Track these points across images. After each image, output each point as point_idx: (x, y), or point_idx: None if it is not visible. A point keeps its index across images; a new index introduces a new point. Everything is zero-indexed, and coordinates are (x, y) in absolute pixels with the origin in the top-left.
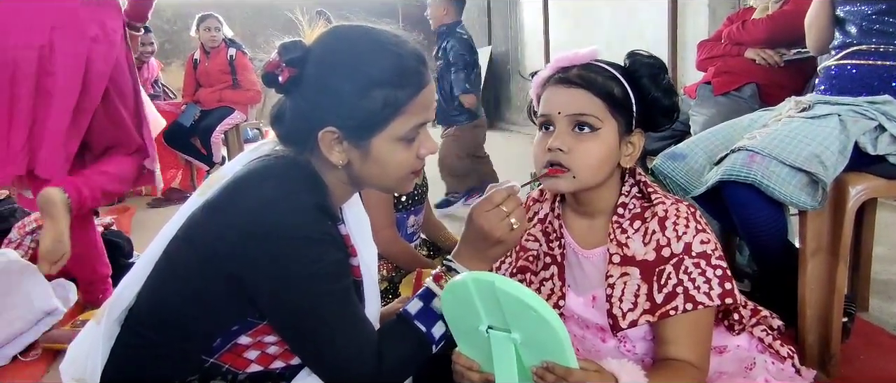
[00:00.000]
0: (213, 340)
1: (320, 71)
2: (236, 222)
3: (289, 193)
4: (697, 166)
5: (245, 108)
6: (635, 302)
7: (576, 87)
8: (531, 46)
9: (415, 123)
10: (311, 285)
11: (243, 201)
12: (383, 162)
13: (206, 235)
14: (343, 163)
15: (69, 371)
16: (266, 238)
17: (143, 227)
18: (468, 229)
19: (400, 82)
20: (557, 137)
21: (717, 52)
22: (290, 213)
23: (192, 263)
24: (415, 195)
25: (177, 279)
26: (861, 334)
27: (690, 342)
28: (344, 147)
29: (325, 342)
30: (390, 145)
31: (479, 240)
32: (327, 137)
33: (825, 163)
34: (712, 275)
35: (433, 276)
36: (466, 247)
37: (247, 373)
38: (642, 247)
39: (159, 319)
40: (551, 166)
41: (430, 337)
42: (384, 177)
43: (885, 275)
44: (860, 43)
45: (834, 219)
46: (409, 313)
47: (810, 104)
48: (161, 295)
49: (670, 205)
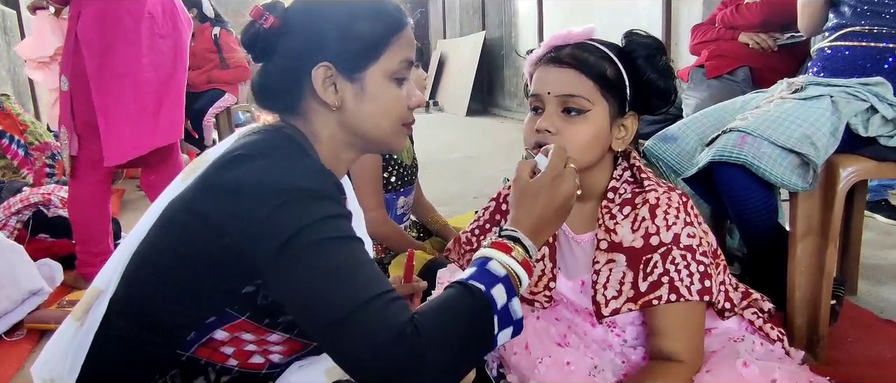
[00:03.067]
0: (188, 333)
1: (304, 16)
2: (234, 189)
3: (288, 157)
4: (689, 148)
5: (235, 89)
6: (620, 289)
7: (567, 67)
8: (525, 32)
9: (403, 57)
10: (324, 236)
11: (241, 168)
12: (378, 99)
13: (192, 215)
14: (338, 104)
15: (41, 372)
16: (272, 193)
17: (133, 209)
18: (537, 197)
19: (385, 14)
20: (546, 118)
21: (710, 35)
22: (294, 172)
23: (173, 249)
24: (404, 176)
25: (155, 269)
26: (849, 317)
27: (682, 335)
28: (338, 85)
29: (346, 301)
30: (383, 81)
31: (554, 205)
32: (321, 74)
33: (816, 144)
34: (695, 269)
35: (492, 243)
36: (538, 216)
37: (230, 371)
38: (630, 234)
39: (135, 312)
40: (539, 147)
41: (491, 298)
42: (380, 119)
43: (873, 259)
44: (854, 24)
45: (824, 201)
46: (461, 278)
47: (802, 85)
48: (137, 288)
49: (662, 192)
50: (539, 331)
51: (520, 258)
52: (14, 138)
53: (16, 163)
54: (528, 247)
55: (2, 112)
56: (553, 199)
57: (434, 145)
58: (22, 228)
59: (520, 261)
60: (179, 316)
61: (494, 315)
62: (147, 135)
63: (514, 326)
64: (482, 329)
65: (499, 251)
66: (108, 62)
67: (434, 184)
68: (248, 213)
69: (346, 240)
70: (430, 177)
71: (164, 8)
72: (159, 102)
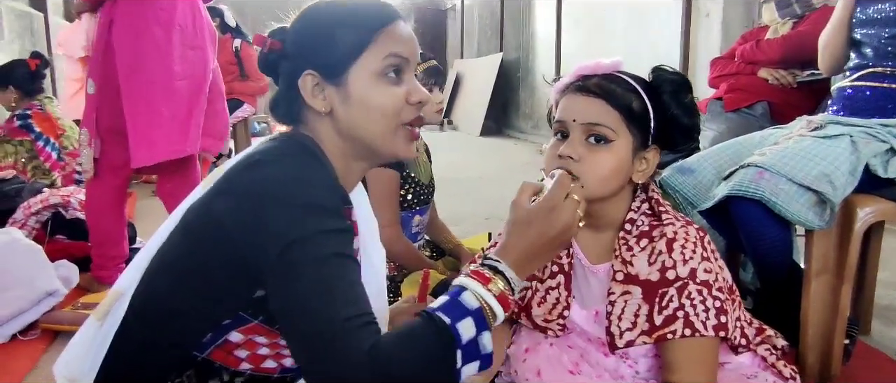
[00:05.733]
0: (204, 335)
1: (296, 31)
2: (245, 193)
3: (300, 165)
4: (706, 181)
5: (254, 100)
6: (635, 321)
7: (594, 97)
8: (542, 55)
9: (388, 52)
10: (318, 251)
11: (255, 173)
12: (364, 100)
13: (209, 219)
14: (327, 110)
15: (64, 371)
16: (279, 201)
17: (147, 214)
18: (531, 226)
19: (364, 14)
20: (570, 145)
21: (729, 69)
22: (305, 181)
23: (191, 252)
24: (421, 195)
25: (173, 272)
26: (862, 357)
27: (696, 370)
28: (325, 91)
29: (317, 321)
30: (368, 80)
31: (547, 237)
32: (308, 82)
33: (834, 183)
34: (711, 305)
35: (471, 271)
36: (527, 246)
37: (242, 374)
38: (647, 267)
39: (153, 314)
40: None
41: (455, 332)
42: (370, 118)
43: (887, 300)
44: (876, 65)
45: (840, 240)
46: (430, 308)
47: (822, 124)
48: (155, 290)
49: (680, 227)
50: (552, 359)
51: (496, 291)
52: (49, 140)
53: (47, 166)
54: (510, 280)
55: (42, 114)
56: (547, 231)
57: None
58: (40, 229)
59: (496, 294)
60: (196, 319)
61: (458, 349)
62: (177, 141)
63: (481, 360)
64: (443, 363)
65: (475, 281)
66: (139, 70)
67: (445, 203)
68: (256, 218)
69: (338, 258)
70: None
71: (195, 20)
72: (189, 112)
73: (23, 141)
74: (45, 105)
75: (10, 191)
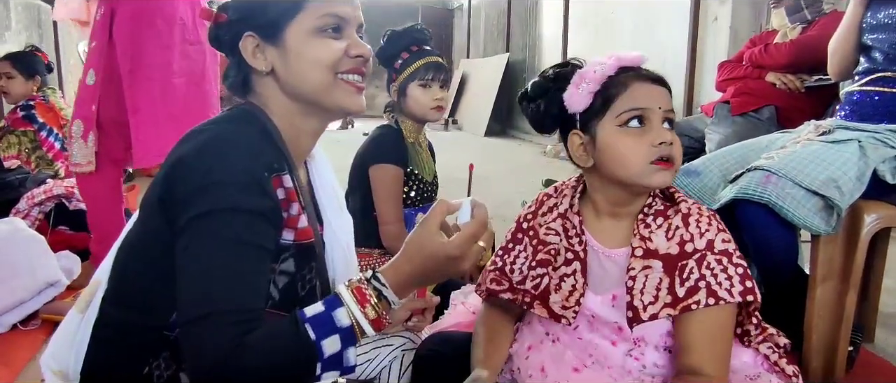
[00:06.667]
0: (171, 313)
1: (236, 2)
2: (171, 164)
3: (227, 134)
4: (711, 184)
5: None
6: (656, 295)
7: (661, 85)
8: (549, 56)
9: (326, 11)
10: (220, 231)
11: (182, 147)
12: (301, 54)
13: (152, 191)
14: (267, 69)
15: (50, 364)
16: (191, 173)
17: None
18: (430, 260)
19: None
20: (662, 132)
21: (737, 73)
22: (220, 155)
23: (146, 230)
24: (425, 192)
25: (134, 251)
26: (865, 365)
27: (711, 350)
28: (265, 52)
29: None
30: (305, 37)
31: (439, 275)
32: (248, 44)
33: (842, 188)
34: (734, 272)
35: (354, 288)
36: (419, 275)
37: None
38: (665, 242)
39: (124, 297)
40: (660, 160)
41: (319, 349)
42: (308, 72)
43: (892, 308)
44: (885, 70)
45: (847, 246)
46: (303, 314)
47: (830, 129)
48: (123, 272)
49: (692, 204)
50: (556, 356)
51: (372, 316)
52: (53, 131)
53: (50, 156)
54: (391, 302)
55: (45, 105)
56: (443, 271)
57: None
58: (43, 219)
59: (371, 319)
60: (160, 297)
61: (318, 363)
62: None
63: (343, 371)
64: (303, 372)
65: (354, 299)
66: (140, 63)
67: None
68: (172, 189)
69: (237, 246)
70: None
71: (194, 15)
72: (186, 109)
73: (26, 131)
74: (48, 95)
75: (13, 180)
